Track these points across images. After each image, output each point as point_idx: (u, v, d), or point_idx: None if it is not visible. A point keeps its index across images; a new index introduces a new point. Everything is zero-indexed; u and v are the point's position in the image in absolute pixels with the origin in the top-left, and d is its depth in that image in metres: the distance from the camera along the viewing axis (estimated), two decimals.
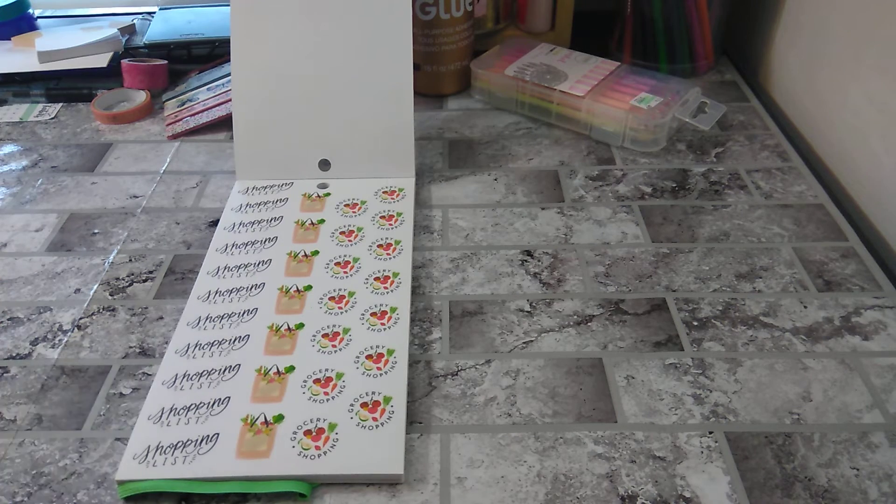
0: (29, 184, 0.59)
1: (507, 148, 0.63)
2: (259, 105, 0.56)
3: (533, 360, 0.43)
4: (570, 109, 0.64)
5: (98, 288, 0.49)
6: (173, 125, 0.66)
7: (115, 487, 0.37)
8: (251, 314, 0.45)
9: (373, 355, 0.42)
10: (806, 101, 0.65)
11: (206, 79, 0.71)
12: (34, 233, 0.54)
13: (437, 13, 0.65)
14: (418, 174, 0.59)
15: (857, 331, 0.45)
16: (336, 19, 0.55)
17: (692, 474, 0.37)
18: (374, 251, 0.50)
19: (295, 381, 0.41)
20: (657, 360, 0.43)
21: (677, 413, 0.40)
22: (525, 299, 0.47)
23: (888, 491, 0.36)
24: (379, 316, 0.45)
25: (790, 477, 0.37)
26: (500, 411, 0.40)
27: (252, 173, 0.57)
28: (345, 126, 0.56)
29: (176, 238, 0.53)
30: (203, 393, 0.40)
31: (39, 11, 0.86)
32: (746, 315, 0.46)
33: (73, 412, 0.41)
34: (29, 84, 0.72)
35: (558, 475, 0.37)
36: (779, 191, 0.57)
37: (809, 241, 0.52)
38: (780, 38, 0.71)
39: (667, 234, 0.53)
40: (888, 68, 0.53)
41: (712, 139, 0.63)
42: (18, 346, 0.45)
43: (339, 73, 0.55)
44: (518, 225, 0.54)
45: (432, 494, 0.36)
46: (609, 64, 0.67)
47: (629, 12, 0.72)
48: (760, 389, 0.41)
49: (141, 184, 0.59)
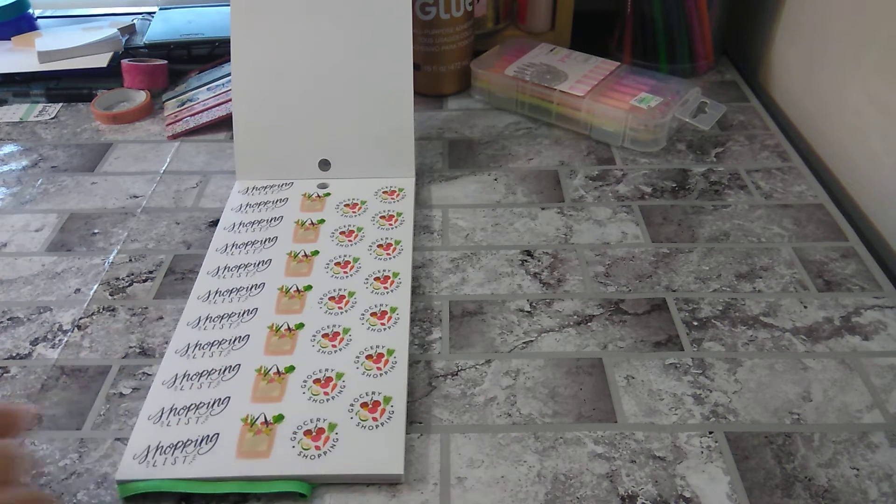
0: (29, 184, 0.59)
1: (507, 148, 0.63)
2: (259, 105, 0.56)
3: (533, 360, 0.43)
4: (570, 109, 0.64)
5: (98, 288, 0.49)
6: (173, 125, 0.66)
7: (114, 487, 0.37)
8: (251, 314, 0.45)
9: (373, 355, 0.42)
10: (806, 101, 0.65)
11: (206, 79, 0.71)
12: (34, 233, 0.54)
13: (437, 13, 0.65)
14: (418, 174, 0.59)
15: (857, 331, 0.45)
16: (336, 19, 0.55)
17: (692, 474, 0.37)
18: (374, 251, 0.50)
19: (295, 381, 0.41)
20: (657, 360, 0.43)
21: (677, 413, 0.40)
22: (525, 299, 0.47)
23: (888, 491, 0.36)
24: (379, 316, 0.45)
25: (790, 477, 0.37)
26: (500, 411, 0.40)
27: (252, 173, 0.57)
28: (345, 126, 0.56)
29: (176, 238, 0.53)
30: (203, 393, 0.40)
31: (39, 11, 0.86)
32: (746, 315, 0.46)
33: (73, 412, 0.41)
34: (29, 84, 0.72)
35: (558, 475, 0.37)
36: (779, 191, 0.57)
37: (809, 241, 0.52)
38: (780, 38, 0.71)
39: (667, 234, 0.53)
40: (888, 68, 0.53)
41: (712, 139, 0.63)
42: (18, 346, 0.45)
43: (339, 73, 0.55)
44: (518, 225, 0.54)
45: (432, 494, 0.36)
46: (609, 64, 0.67)
47: (629, 12, 0.72)
48: (760, 389, 0.41)
49: (141, 184, 0.59)
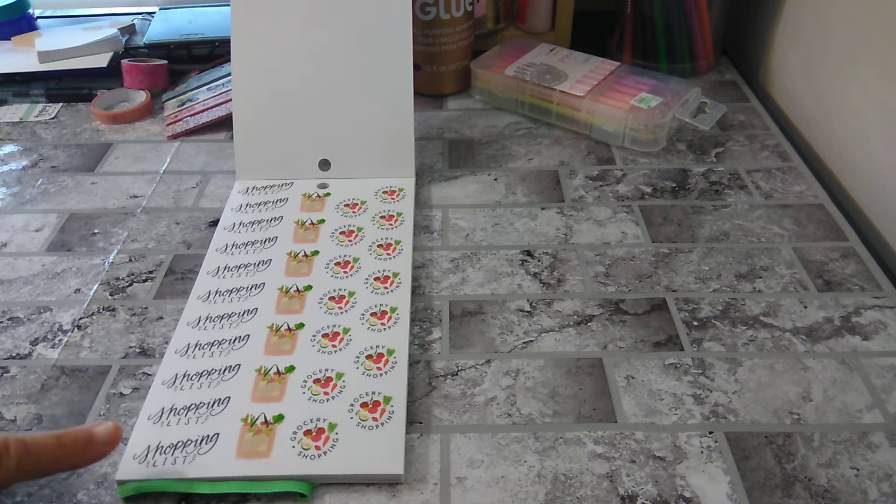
0: (29, 184, 0.59)
1: (507, 148, 0.63)
2: (259, 105, 0.56)
3: (533, 360, 0.43)
4: (570, 109, 0.64)
5: (98, 288, 0.49)
6: (173, 125, 0.66)
7: (114, 487, 0.37)
8: (251, 314, 0.45)
9: (373, 355, 0.42)
10: (806, 101, 0.65)
11: (206, 79, 0.71)
12: (34, 233, 0.54)
13: (437, 13, 0.65)
14: (418, 174, 0.59)
15: (857, 331, 0.45)
16: (336, 19, 0.55)
17: (692, 474, 0.37)
18: (374, 251, 0.50)
19: (295, 381, 0.41)
20: (657, 360, 0.43)
21: (677, 413, 0.40)
22: (525, 299, 0.47)
23: (888, 491, 0.36)
24: (379, 316, 0.45)
25: (790, 477, 0.37)
26: (500, 411, 0.40)
27: (252, 173, 0.57)
28: (345, 126, 0.56)
29: (176, 238, 0.53)
30: (203, 393, 0.40)
31: (39, 11, 0.86)
32: (746, 315, 0.46)
33: (73, 412, 0.41)
34: (29, 84, 0.72)
35: (558, 475, 0.37)
36: (779, 191, 0.57)
37: (809, 241, 0.52)
38: (780, 38, 0.71)
39: (667, 234, 0.53)
40: (888, 68, 0.53)
41: (712, 139, 0.63)
42: (18, 346, 0.45)
43: (339, 73, 0.55)
44: (518, 225, 0.54)
45: (432, 494, 0.36)
46: (609, 64, 0.67)
47: (629, 12, 0.72)
48: (760, 389, 0.41)
49: (141, 184, 0.59)
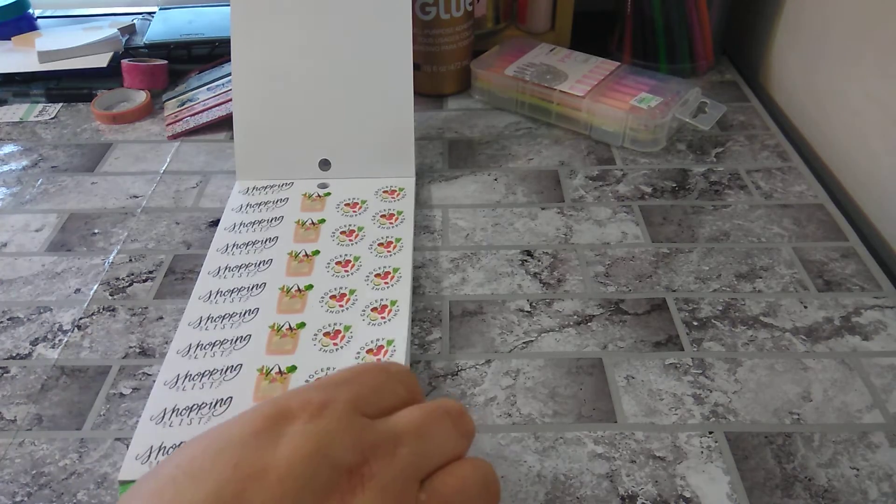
0: (29, 184, 0.59)
1: (507, 148, 0.63)
2: (259, 105, 0.56)
3: (533, 360, 0.43)
4: (570, 109, 0.64)
5: (98, 288, 0.49)
6: (173, 125, 0.66)
7: (115, 487, 0.37)
8: (252, 314, 0.45)
9: (373, 349, 0.42)
10: (806, 101, 0.65)
11: (206, 79, 0.71)
12: (34, 233, 0.54)
13: (437, 13, 0.65)
14: (418, 174, 0.59)
15: (857, 331, 0.45)
16: (336, 19, 0.55)
17: (692, 474, 0.37)
18: (375, 249, 0.50)
19: (297, 380, 0.41)
20: (657, 360, 0.43)
21: (677, 413, 0.40)
22: (525, 299, 0.48)
23: (888, 491, 0.36)
24: (379, 310, 0.45)
25: (790, 477, 0.37)
26: (500, 411, 0.40)
27: (252, 173, 0.57)
28: (345, 126, 0.56)
29: (176, 238, 0.53)
30: (205, 393, 0.40)
31: (39, 11, 0.86)
32: (746, 315, 0.46)
33: (73, 412, 0.41)
34: (29, 84, 0.71)
35: (558, 475, 0.37)
36: (779, 191, 0.57)
37: (809, 241, 0.52)
38: (780, 38, 0.71)
39: (667, 234, 0.53)
40: (888, 68, 0.53)
41: (712, 139, 0.63)
42: (18, 346, 0.45)
43: (339, 73, 0.55)
44: (518, 225, 0.54)
45: None
46: (609, 64, 0.67)
47: (629, 12, 0.72)
48: (760, 389, 0.41)
49: (141, 184, 0.59)
